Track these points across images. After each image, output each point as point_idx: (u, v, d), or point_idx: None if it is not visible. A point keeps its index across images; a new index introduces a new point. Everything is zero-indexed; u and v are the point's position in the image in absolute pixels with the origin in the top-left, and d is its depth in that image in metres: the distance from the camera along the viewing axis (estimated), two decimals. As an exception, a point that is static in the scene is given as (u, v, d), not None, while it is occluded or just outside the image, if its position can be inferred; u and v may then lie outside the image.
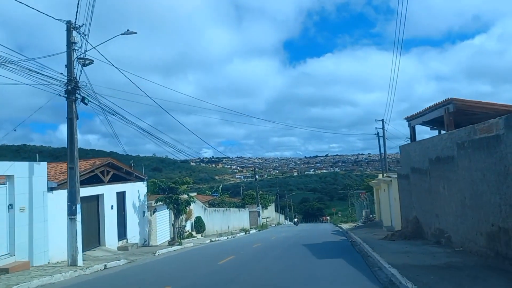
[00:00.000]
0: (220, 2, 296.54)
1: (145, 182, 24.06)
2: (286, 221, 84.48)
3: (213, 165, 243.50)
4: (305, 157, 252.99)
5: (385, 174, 30.97)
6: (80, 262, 14.82)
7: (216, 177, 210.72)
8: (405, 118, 18.94)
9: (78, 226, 14.97)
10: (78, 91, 15.56)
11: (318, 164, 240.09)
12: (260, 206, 56.55)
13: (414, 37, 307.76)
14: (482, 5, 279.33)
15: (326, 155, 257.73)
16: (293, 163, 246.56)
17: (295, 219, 63.18)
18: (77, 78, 15.43)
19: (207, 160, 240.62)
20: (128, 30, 15.59)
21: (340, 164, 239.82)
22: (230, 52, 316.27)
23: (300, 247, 17.87)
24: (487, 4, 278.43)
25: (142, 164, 28.55)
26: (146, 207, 24.43)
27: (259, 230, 43.91)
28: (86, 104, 15.96)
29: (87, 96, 15.99)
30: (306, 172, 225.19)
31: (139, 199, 23.68)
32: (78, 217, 15.02)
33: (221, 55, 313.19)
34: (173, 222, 24.44)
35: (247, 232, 39.79)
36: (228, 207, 50.19)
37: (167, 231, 27.24)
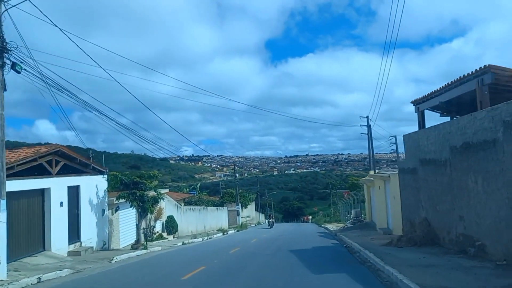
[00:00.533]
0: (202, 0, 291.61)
1: (106, 176, 20.40)
2: (266, 220, 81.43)
3: (193, 163, 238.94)
4: (286, 156, 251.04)
5: (376, 171, 28.06)
6: (2, 275, 11.25)
7: (196, 176, 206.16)
8: (412, 102, 15.89)
9: (1, 228, 11.41)
10: (6, 54, 12.00)
11: (299, 164, 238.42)
12: (240, 205, 53.16)
13: (394, 39, 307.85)
14: (460, 10, 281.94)
15: (307, 155, 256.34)
16: (273, 162, 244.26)
17: (270, 220, 47.78)
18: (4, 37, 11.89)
19: (187, 158, 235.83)
20: None
21: (320, 163, 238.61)
22: (212, 51, 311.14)
23: (286, 254, 14.62)
24: (465, 9, 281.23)
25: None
26: (106, 204, 20.79)
27: (238, 231, 40.55)
28: (19, 72, 12.38)
29: (21, 62, 12.48)
30: (286, 171, 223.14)
31: (98, 195, 20.04)
32: (2, 216, 11.47)
33: (203, 53, 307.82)
34: (137, 223, 20.86)
35: (225, 233, 36.40)
36: (206, 206, 46.69)
37: (133, 232, 23.60)
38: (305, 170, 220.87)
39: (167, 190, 31.44)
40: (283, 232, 33.00)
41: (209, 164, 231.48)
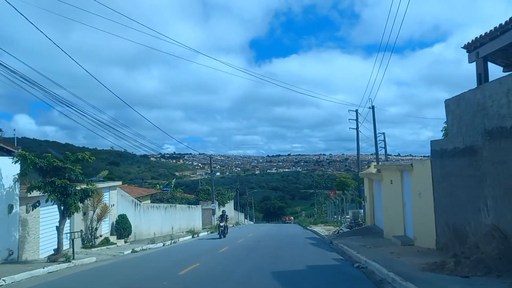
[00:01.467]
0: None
1: (16, 158, 14.07)
2: (246, 220, 75.29)
3: (174, 161, 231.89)
4: (268, 155, 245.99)
5: (380, 163, 22.40)
6: None
7: (177, 173, 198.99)
8: (466, 47, 10.13)
9: None
10: None
11: (281, 163, 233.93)
12: (216, 202, 47.03)
13: (376, 42, 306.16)
14: (442, 15, 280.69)
15: (289, 154, 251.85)
16: (255, 161, 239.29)
17: (222, 224, 28.04)
18: None
19: (168, 156, 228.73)
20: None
21: (302, 163, 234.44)
22: (196, 48, 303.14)
23: (267, 285, 8.64)
24: (446, 14, 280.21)
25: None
26: (17, 198, 14.52)
27: (211, 232, 34.43)
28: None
29: None
30: (268, 171, 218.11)
31: (1, 184, 13.79)
32: None
33: (187, 50, 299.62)
34: (58, 224, 14.55)
35: (196, 236, 30.31)
36: (179, 203, 40.48)
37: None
38: (287, 170, 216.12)
39: (119, 183, 25.07)
40: (263, 236, 27.05)
41: (190, 162, 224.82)
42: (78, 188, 14.81)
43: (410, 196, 14.27)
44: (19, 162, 13.86)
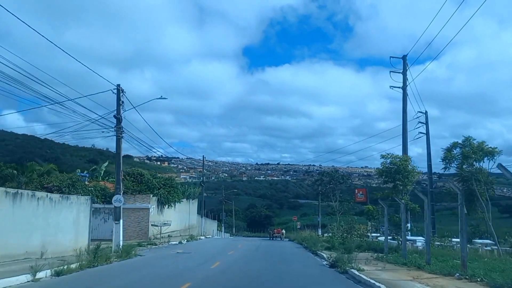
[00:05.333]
0: (183, 1, 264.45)
1: None
2: (220, 232, 53.89)
3: (158, 163, 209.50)
4: (257, 163, 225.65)
5: None
6: None
7: (159, 175, 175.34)
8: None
9: None
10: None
11: (269, 172, 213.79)
12: (157, 198, 26.16)
13: (369, 56, 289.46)
14: (434, 33, 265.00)
15: (278, 164, 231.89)
16: (243, 168, 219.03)
17: None
18: None
19: (155, 158, 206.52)
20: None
21: (291, 173, 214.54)
22: (189, 53, 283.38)
23: None
24: (439, 32, 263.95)
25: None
26: None
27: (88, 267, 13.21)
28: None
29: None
30: (256, 178, 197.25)
31: None
32: None
33: (180, 55, 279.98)
34: None
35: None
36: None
37: None
38: (275, 178, 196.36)
39: None
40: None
41: (175, 165, 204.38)
42: None
43: None
44: None
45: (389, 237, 21.33)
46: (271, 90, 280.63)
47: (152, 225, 25.28)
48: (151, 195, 26.29)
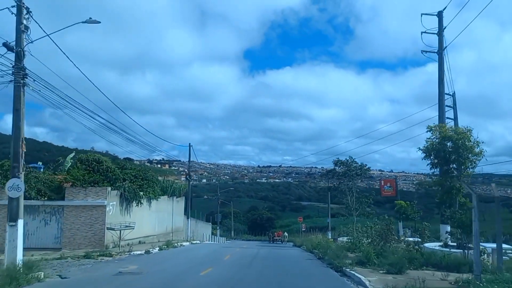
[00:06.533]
0: (184, 4, 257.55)
1: None
2: (215, 237, 46.48)
3: (159, 166, 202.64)
4: (259, 166, 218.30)
5: None
6: None
7: (159, 177, 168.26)
8: None
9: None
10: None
11: (271, 174, 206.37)
12: (120, 193, 18.91)
13: (370, 59, 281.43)
14: (434, 35, 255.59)
15: (280, 166, 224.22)
16: (245, 170, 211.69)
17: None
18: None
19: (156, 161, 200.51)
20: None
21: (293, 175, 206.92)
22: (190, 56, 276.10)
23: None
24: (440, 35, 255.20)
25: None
26: None
27: None
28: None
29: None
30: (258, 180, 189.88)
31: None
32: None
33: (182, 57, 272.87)
34: None
35: None
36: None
37: None
38: (277, 180, 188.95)
39: None
40: None
41: (176, 168, 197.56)
42: None
43: None
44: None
45: (446, 243, 14.07)
46: (272, 92, 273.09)
47: (108, 228, 17.99)
48: (109, 188, 18.99)
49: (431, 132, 16.02)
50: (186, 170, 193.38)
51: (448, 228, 16.93)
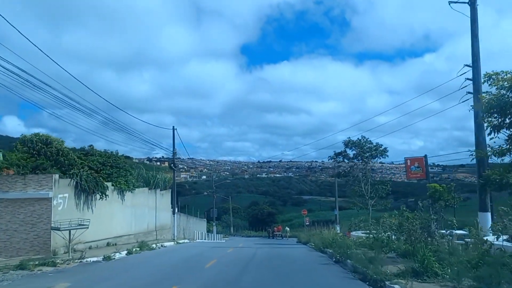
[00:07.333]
0: (180, 1, 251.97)
1: None
2: (210, 234, 41.76)
3: (158, 163, 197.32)
4: (259, 161, 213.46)
5: None
6: None
7: (158, 176, 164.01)
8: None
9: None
10: None
11: (272, 169, 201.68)
12: (75, 182, 14.09)
13: (367, 50, 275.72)
14: (432, 24, 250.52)
15: (280, 161, 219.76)
16: (245, 166, 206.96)
17: None
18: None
19: (156, 159, 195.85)
20: None
21: (294, 169, 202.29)
22: (187, 53, 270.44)
23: None
24: (436, 24, 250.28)
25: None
26: None
27: None
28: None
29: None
30: (258, 175, 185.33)
31: None
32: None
33: (178, 55, 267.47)
34: None
35: None
36: None
37: None
38: (278, 175, 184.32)
39: None
40: None
41: (176, 165, 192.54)
42: None
43: None
44: None
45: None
46: (270, 87, 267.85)
47: (52, 228, 13.23)
48: (56, 176, 14.18)
49: (490, 81, 11.24)
50: (185, 167, 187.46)
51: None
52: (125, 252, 15.26)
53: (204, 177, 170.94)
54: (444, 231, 11.88)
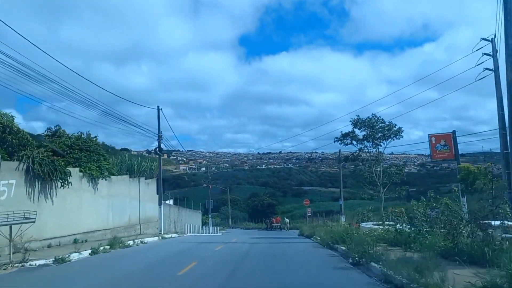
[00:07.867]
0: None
1: None
2: (206, 227, 38.93)
3: (157, 156, 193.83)
4: (258, 153, 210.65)
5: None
6: None
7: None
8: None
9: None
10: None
11: (271, 160, 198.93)
12: (25, 166, 11.01)
13: (366, 40, 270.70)
14: (431, 13, 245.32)
15: (280, 152, 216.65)
16: (245, 158, 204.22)
17: None
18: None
19: (153, 151, 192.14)
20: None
21: (294, 161, 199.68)
22: (185, 45, 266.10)
23: None
24: (436, 13, 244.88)
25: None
26: None
27: None
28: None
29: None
30: (258, 167, 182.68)
31: None
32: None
33: (177, 47, 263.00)
34: None
35: None
36: None
37: None
38: (278, 166, 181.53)
39: None
40: None
41: (175, 157, 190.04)
42: None
43: None
44: None
45: None
46: (270, 79, 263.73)
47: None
48: (-2, 158, 11.19)
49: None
50: (185, 159, 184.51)
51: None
52: (89, 251, 12.27)
53: (203, 169, 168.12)
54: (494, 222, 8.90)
